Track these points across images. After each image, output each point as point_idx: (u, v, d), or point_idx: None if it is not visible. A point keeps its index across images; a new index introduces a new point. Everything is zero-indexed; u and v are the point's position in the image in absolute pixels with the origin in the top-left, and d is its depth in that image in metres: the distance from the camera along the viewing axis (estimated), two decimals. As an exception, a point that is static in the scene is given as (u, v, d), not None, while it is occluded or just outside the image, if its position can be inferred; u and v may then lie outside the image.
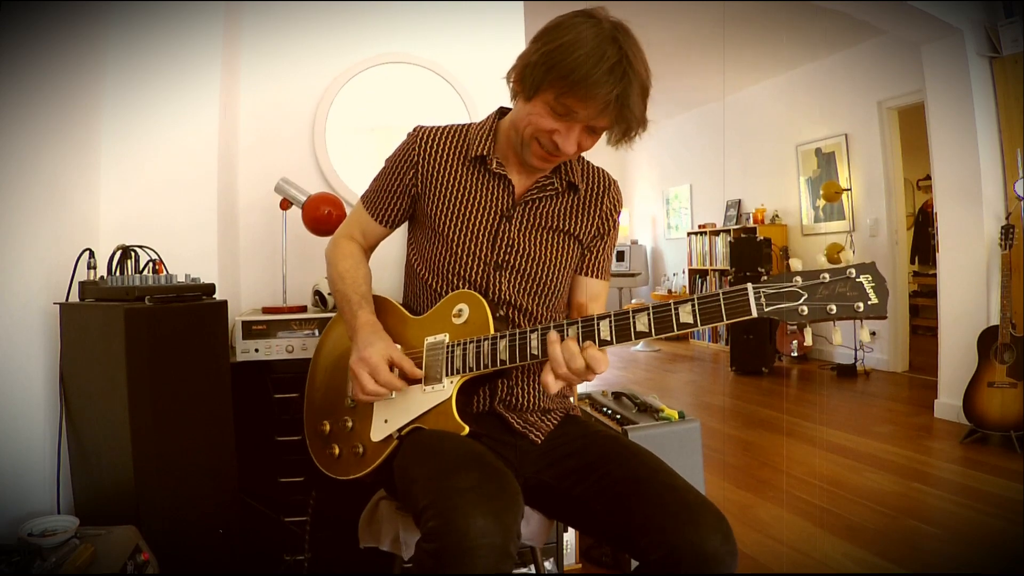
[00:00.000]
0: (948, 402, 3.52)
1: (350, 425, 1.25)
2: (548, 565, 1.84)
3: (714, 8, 4.30)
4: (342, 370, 1.31)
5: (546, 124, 1.11)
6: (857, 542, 2.10)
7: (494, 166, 1.24)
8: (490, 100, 1.36)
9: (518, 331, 1.09)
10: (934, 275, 3.98)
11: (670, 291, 7.46)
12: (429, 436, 1.13)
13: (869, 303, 0.88)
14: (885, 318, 0.88)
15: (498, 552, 0.90)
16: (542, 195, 1.27)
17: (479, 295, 1.18)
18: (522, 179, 1.27)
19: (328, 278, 1.36)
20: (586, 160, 1.33)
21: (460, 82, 2.30)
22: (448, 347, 1.16)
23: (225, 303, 1.58)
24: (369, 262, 1.40)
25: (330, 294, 1.87)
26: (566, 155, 1.17)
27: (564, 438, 1.23)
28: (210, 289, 1.56)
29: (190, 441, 1.43)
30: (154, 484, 1.33)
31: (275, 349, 1.77)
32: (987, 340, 3.12)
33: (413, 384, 1.18)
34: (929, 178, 4.66)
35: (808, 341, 0.96)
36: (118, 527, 1.24)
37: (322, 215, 1.90)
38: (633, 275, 7.09)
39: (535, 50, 1.09)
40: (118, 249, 1.53)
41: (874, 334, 5.00)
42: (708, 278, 6.64)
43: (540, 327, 1.07)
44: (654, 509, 1.01)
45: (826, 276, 0.89)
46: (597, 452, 1.16)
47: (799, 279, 0.90)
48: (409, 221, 1.37)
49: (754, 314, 0.91)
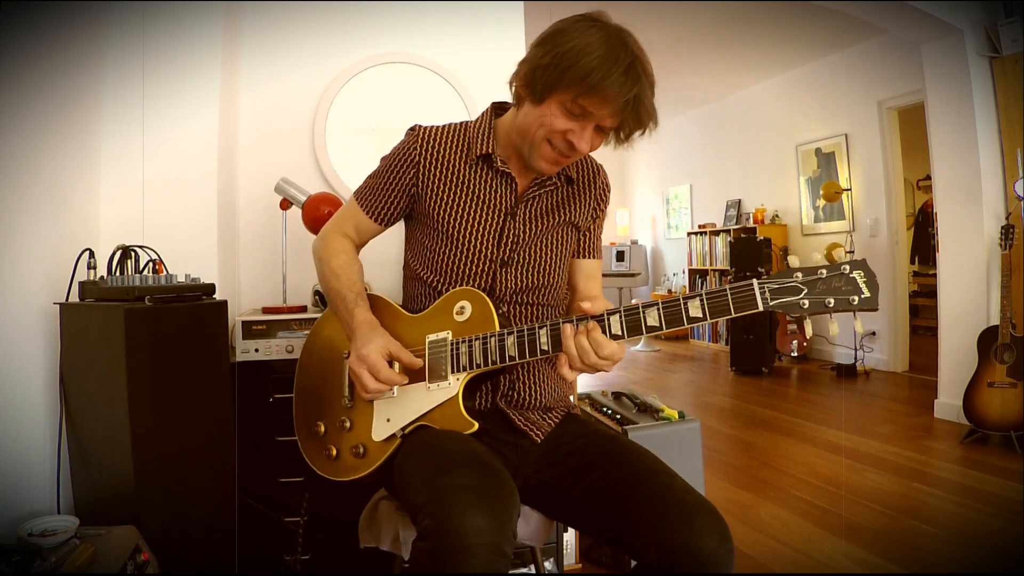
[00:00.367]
0: (948, 402, 3.52)
1: (348, 425, 1.24)
2: (548, 565, 1.84)
3: (714, 8, 4.30)
4: (336, 369, 1.30)
5: (560, 124, 1.12)
6: (857, 542, 2.10)
7: (499, 164, 1.25)
8: (490, 100, 1.36)
9: (526, 327, 1.10)
10: (934, 275, 3.98)
11: (670, 291, 7.45)
12: (429, 435, 1.13)
13: (862, 296, 0.96)
14: (876, 310, 0.97)
15: (493, 551, 0.90)
16: (542, 191, 1.28)
17: (481, 292, 1.18)
18: (523, 177, 1.28)
19: (319, 274, 1.33)
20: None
21: (460, 82, 2.31)
22: (453, 344, 1.16)
23: (225, 303, 1.58)
24: (368, 263, 1.39)
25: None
26: (580, 154, 1.18)
27: (564, 437, 1.23)
28: (210, 289, 1.56)
29: (190, 441, 1.43)
30: (154, 484, 1.33)
31: (275, 349, 1.77)
32: (987, 340, 3.12)
33: (415, 379, 1.18)
34: (929, 178, 4.65)
35: (809, 333, 1.04)
36: (118, 527, 1.24)
37: (322, 215, 1.90)
38: (633, 275, 7.09)
39: (544, 53, 1.09)
40: (118, 249, 1.53)
41: (874, 333, 5.00)
42: (708, 278, 6.63)
43: (549, 323, 1.08)
44: (652, 509, 1.01)
45: (823, 272, 0.97)
46: (597, 452, 1.16)
47: (799, 275, 0.98)
48: (405, 220, 1.36)
49: (760, 308, 0.98)
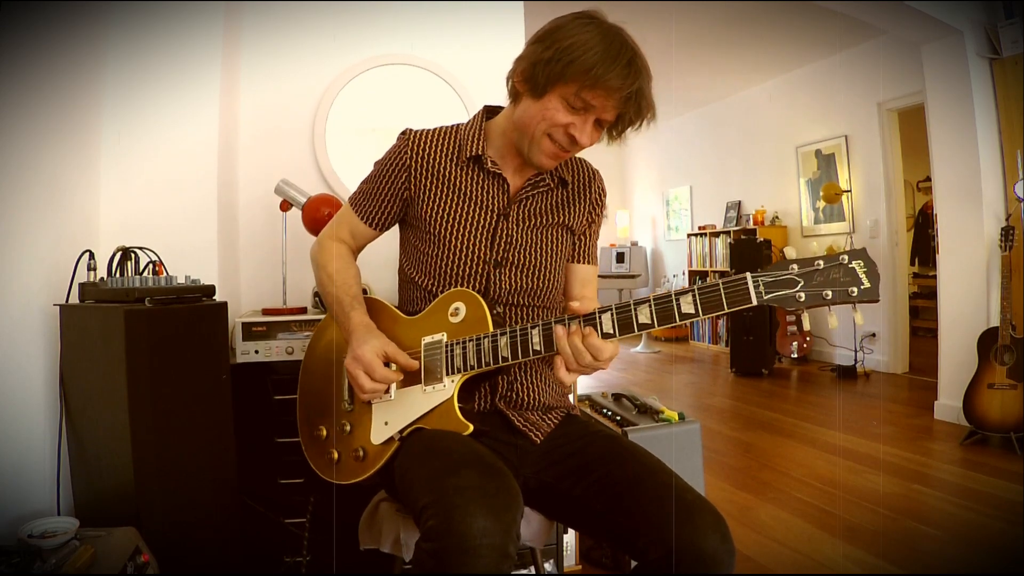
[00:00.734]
0: (948, 403, 3.52)
1: (348, 428, 1.24)
2: (548, 566, 1.84)
3: (714, 8, 4.30)
4: (336, 373, 1.31)
5: (562, 118, 1.13)
6: (857, 543, 2.10)
7: (489, 165, 1.25)
8: (490, 101, 1.36)
9: (519, 327, 1.09)
10: (934, 276, 3.98)
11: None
12: (429, 436, 1.12)
13: (862, 287, 0.92)
14: (877, 301, 0.93)
15: (498, 552, 0.90)
16: (536, 192, 1.28)
17: (475, 293, 1.18)
18: (515, 178, 1.28)
19: (317, 280, 1.35)
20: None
21: (460, 83, 2.30)
22: (447, 346, 1.16)
23: (225, 304, 1.58)
24: (368, 266, 1.39)
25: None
26: (581, 147, 1.19)
27: (564, 438, 1.23)
28: (210, 290, 1.56)
29: (190, 442, 1.43)
30: (154, 485, 1.33)
31: (275, 350, 1.76)
32: (987, 341, 3.12)
33: (412, 381, 1.18)
34: (929, 179, 4.66)
35: (807, 325, 1.01)
36: (118, 528, 1.24)
37: (322, 216, 1.89)
38: (633, 276, 7.09)
39: (544, 48, 1.10)
40: (118, 250, 1.53)
41: (874, 335, 5.00)
42: (708, 280, 6.64)
43: (541, 323, 1.07)
44: (653, 509, 1.01)
45: (820, 263, 0.93)
46: (597, 452, 1.16)
47: (795, 267, 0.94)
48: (400, 225, 1.37)
49: (754, 302, 0.94)
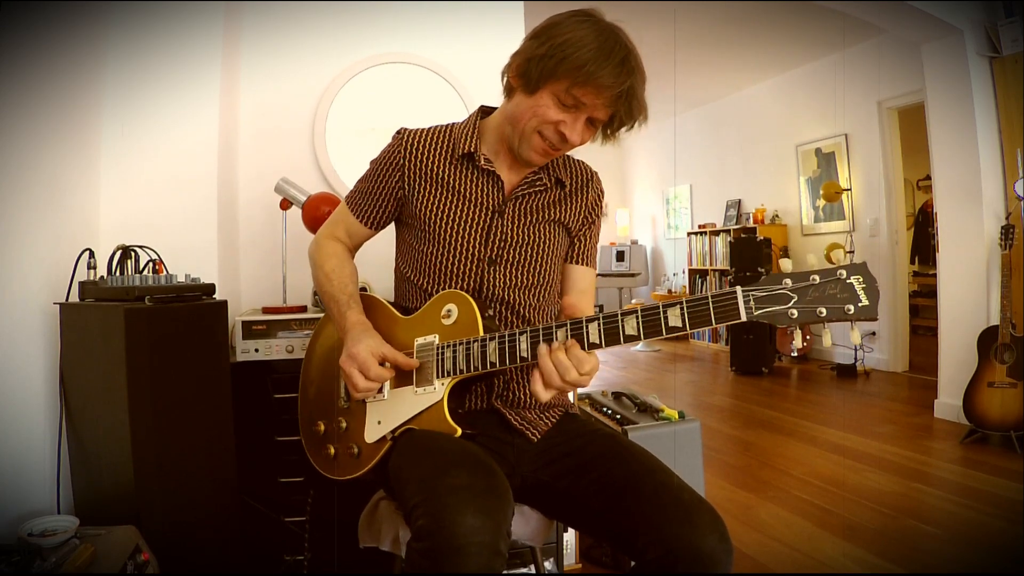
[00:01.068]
0: (948, 402, 3.52)
1: (344, 426, 1.25)
2: (548, 565, 1.84)
3: (714, 8, 4.30)
4: (334, 371, 1.31)
5: (552, 115, 1.13)
6: (857, 542, 2.10)
7: (482, 163, 1.24)
8: (490, 100, 1.36)
9: (507, 333, 1.09)
10: (934, 275, 3.98)
11: (670, 291, 7.45)
12: (422, 436, 1.13)
13: (860, 305, 0.86)
14: (875, 320, 0.86)
15: (489, 550, 0.89)
16: (531, 190, 1.27)
17: (467, 295, 1.18)
18: (511, 175, 1.27)
19: (314, 279, 1.36)
20: (567, 154, 1.33)
21: (460, 82, 2.31)
22: (438, 349, 1.16)
23: (225, 303, 1.58)
24: (367, 264, 1.39)
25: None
26: (571, 146, 1.18)
27: (562, 436, 1.23)
28: (210, 289, 1.56)
29: (190, 441, 1.43)
30: (154, 484, 1.33)
31: (275, 349, 1.77)
32: (987, 340, 3.12)
33: (405, 382, 1.18)
34: (929, 178, 4.66)
35: (798, 343, 0.96)
36: (118, 527, 1.24)
37: (322, 215, 1.89)
38: (633, 275, 7.09)
39: (539, 45, 1.11)
40: (118, 249, 1.53)
41: (874, 333, 5.00)
42: (708, 278, 6.64)
43: (529, 329, 1.07)
44: (651, 508, 1.01)
45: (816, 278, 0.88)
46: (595, 450, 1.16)
47: (789, 281, 0.89)
48: (395, 224, 1.37)
49: (743, 318, 0.90)
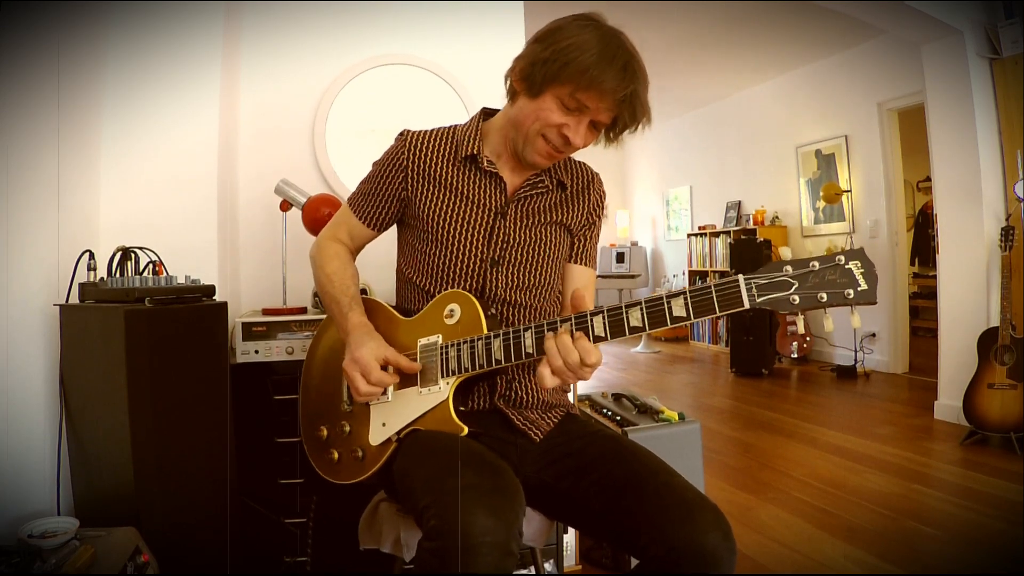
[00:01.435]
0: (948, 403, 3.52)
1: (347, 429, 1.25)
2: (548, 566, 1.84)
3: (714, 8, 4.30)
4: (336, 374, 1.31)
5: (556, 118, 1.14)
6: (857, 543, 2.10)
7: (485, 164, 1.25)
8: (490, 101, 1.36)
9: (512, 329, 1.09)
10: (934, 276, 3.98)
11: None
12: (427, 437, 1.13)
13: (859, 289, 0.89)
14: (875, 303, 0.89)
15: (500, 549, 0.90)
16: (533, 192, 1.28)
17: (470, 294, 1.18)
18: (513, 177, 1.28)
19: (315, 280, 1.36)
20: (568, 156, 1.34)
21: (460, 83, 2.30)
22: (442, 348, 1.16)
23: (225, 304, 1.58)
24: (369, 266, 1.39)
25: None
26: (574, 148, 1.19)
27: (564, 437, 1.23)
28: (210, 290, 1.56)
29: (190, 442, 1.43)
30: (154, 485, 1.33)
31: (275, 350, 1.76)
32: (987, 341, 3.12)
33: (409, 383, 1.18)
34: (929, 179, 4.66)
35: (800, 329, 0.97)
36: (118, 528, 1.24)
37: (322, 216, 1.89)
38: (633, 276, 7.09)
39: (542, 48, 1.11)
40: (118, 250, 1.53)
41: (874, 335, 5.00)
42: (708, 280, 6.64)
43: (534, 325, 1.07)
44: (653, 507, 1.01)
45: (815, 264, 0.91)
46: (597, 451, 1.16)
47: (789, 268, 0.91)
48: (397, 226, 1.37)
49: (746, 305, 0.92)
